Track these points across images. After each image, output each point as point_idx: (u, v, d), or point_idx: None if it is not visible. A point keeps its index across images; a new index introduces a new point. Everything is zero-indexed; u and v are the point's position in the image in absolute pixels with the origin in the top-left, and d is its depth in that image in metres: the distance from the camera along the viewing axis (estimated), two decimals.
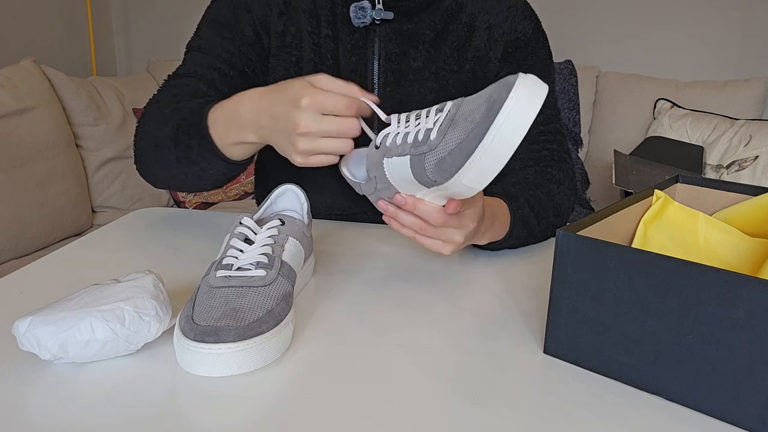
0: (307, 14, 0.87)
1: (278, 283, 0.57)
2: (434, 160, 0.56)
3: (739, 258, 0.66)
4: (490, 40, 0.89)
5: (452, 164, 0.55)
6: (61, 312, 0.50)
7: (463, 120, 0.55)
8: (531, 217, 0.79)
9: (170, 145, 0.77)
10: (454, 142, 0.54)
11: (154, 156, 0.81)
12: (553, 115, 0.92)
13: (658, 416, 0.47)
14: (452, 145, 0.54)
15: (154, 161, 0.81)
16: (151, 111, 0.84)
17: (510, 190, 0.79)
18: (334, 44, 0.87)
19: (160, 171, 0.82)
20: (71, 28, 2.47)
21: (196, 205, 2.22)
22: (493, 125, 0.52)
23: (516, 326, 0.61)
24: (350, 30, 0.87)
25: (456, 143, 0.54)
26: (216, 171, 0.77)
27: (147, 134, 0.82)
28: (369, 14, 0.85)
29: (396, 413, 0.47)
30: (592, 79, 2.33)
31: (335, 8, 0.87)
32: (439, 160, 0.56)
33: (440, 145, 0.55)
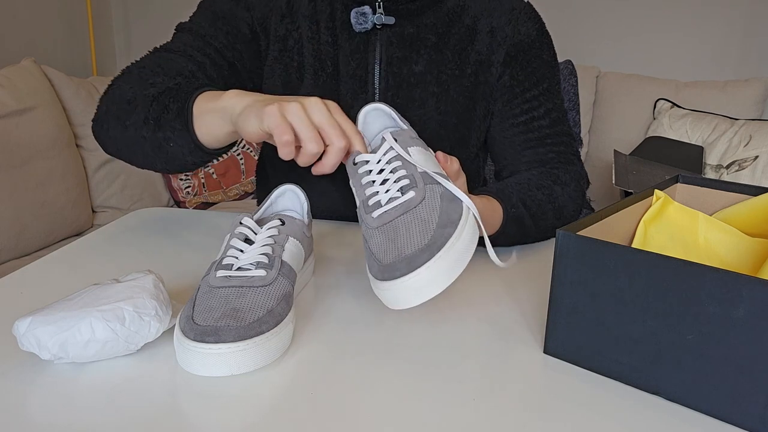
0: (307, 20, 0.87)
1: (278, 283, 0.57)
2: (364, 232, 0.58)
3: (739, 258, 0.67)
4: (492, 44, 0.89)
5: (367, 256, 0.57)
6: (61, 312, 0.50)
7: (391, 238, 0.54)
8: (526, 218, 0.78)
9: (146, 104, 0.73)
10: (374, 246, 0.56)
11: (119, 112, 0.76)
12: (560, 117, 0.92)
13: (658, 416, 0.47)
14: (372, 247, 0.56)
15: (116, 119, 0.76)
16: (132, 72, 0.81)
17: (505, 190, 0.78)
18: (334, 50, 0.87)
19: (118, 131, 0.76)
20: (71, 28, 2.47)
21: (196, 205, 2.22)
22: (388, 283, 0.52)
23: (516, 326, 0.61)
24: (350, 35, 0.86)
25: (374, 250, 0.55)
26: (175, 145, 0.71)
27: (122, 90, 0.78)
28: (370, 19, 0.84)
29: (396, 413, 0.47)
30: (592, 79, 2.33)
31: (334, 14, 0.87)
32: (365, 238, 0.58)
33: (370, 230, 0.57)
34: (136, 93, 0.76)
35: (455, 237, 0.52)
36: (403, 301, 0.52)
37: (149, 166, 0.78)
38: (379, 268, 0.53)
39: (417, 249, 0.52)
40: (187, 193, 2.21)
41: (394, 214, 0.56)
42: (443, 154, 0.63)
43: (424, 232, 0.53)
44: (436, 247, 0.51)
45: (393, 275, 0.51)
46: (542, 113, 0.90)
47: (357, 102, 0.88)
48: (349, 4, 0.86)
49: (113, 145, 0.80)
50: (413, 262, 0.51)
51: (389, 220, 0.56)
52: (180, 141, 0.71)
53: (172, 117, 0.70)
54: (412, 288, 0.51)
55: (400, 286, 0.51)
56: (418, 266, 0.51)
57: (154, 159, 0.76)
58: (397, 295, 0.52)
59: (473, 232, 0.55)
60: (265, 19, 0.87)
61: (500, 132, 0.91)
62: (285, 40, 0.87)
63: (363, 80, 0.87)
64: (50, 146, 1.83)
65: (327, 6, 0.87)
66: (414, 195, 0.56)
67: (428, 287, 0.51)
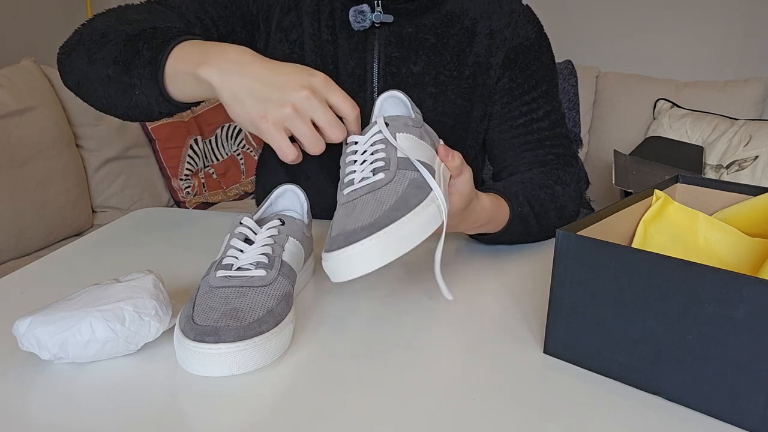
0: (310, 17, 0.87)
1: (278, 283, 0.57)
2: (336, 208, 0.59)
3: (739, 258, 0.66)
4: (491, 46, 0.89)
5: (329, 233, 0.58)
6: (61, 312, 0.50)
7: (351, 214, 0.56)
8: (530, 216, 0.78)
9: (119, 42, 0.69)
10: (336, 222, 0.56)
11: (90, 44, 0.72)
12: (559, 120, 0.92)
13: (658, 416, 0.47)
14: (335, 222, 0.57)
15: (86, 50, 0.72)
16: (115, 9, 0.79)
17: (511, 188, 0.79)
18: (334, 48, 0.87)
19: (83, 62, 0.72)
20: (71, 28, 2.47)
21: (196, 205, 2.22)
22: (333, 253, 0.53)
23: (516, 326, 0.61)
24: (349, 34, 0.86)
25: (335, 225, 0.56)
26: (141, 93, 0.67)
27: (99, 23, 0.75)
28: (368, 18, 0.84)
29: (396, 413, 0.47)
30: (592, 79, 2.33)
31: (334, 12, 0.87)
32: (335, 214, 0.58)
33: (339, 207, 0.58)
34: (111, 28, 0.73)
35: (402, 221, 0.53)
36: (337, 274, 0.53)
37: (108, 109, 0.73)
38: (326, 242, 0.55)
39: (359, 226, 0.53)
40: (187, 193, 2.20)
41: (359, 193, 0.57)
42: (445, 147, 0.63)
43: (374, 212, 0.54)
44: (377, 227, 0.52)
45: (331, 247, 0.53)
46: (541, 115, 0.90)
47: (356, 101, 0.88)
48: (349, 2, 0.86)
49: (74, 77, 0.74)
50: (350, 237, 0.52)
51: (353, 198, 0.57)
52: (147, 91, 0.67)
53: (142, 63, 0.66)
54: (344, 261, 0.52)
55: (335, 257, 0.52)
56: (353, 242, 0.52)
57: (115, 101, 0.71)
58: (332, 267, 0.53)
59: (431, 218, 0.56)
60: (269, 9, 0.87)
61: (499, 134, 0.92)
62: (288, 32, 0.87)
63: (362, 79, 0.87)
64: (50, 146, 1.83)
65: (328, 4, 0.87)
66: (382, 177, 0.57)
67: (360, 264, 0.52)
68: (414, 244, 0.54)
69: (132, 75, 0.67)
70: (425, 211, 0.55)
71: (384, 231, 0.52)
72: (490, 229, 0.75)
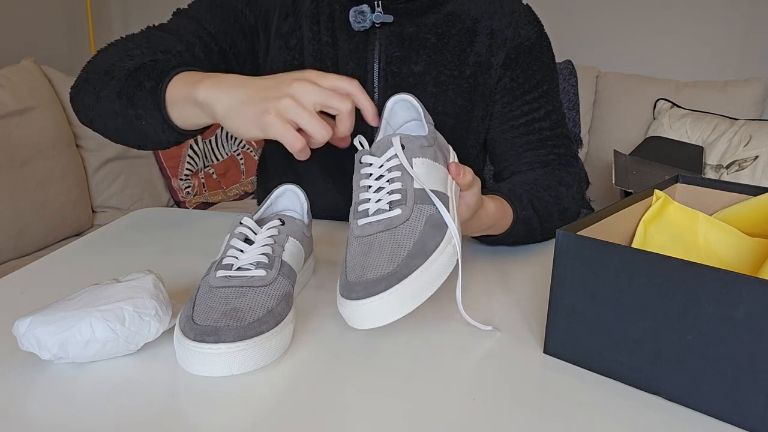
0: (309, 20, 0.87)
1: (278, 283, 0.57)
2: (348, 236, 0.58)
3: (739, 258, 0.66)
4: (492, 46, 0.89)
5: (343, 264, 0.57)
6: (61, 312, 0.50)
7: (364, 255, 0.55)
8: (534, 220, 0.78)
9: (122, 77, 0.71)
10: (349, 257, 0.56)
11: (95, 82, 0.75)
12: (559, 120, 0.92)
13: (658, 416, 0.47)
14: (348, 257, 0.56)
15: (92, 88, 0.75)
16: (118, 44, 0.80)
17: (515, 191, 0.78)
18: (334, 50, 0.87)
19: (92, 100, 0.75)
20: (71, 28, 2.47)
21: (196, 205, 2.22)
22: (345, 303, 0.52)
23: (516, 326, 0.61)
24: (349, 35, 0.86)
25: (348, 260, 0.55)
26: (147, 123, 0.70)
27: (102, 60, 0.77)
28: (369, 18, 0.84)
29: (396, 413, 0.47)
30: (592, 79, 2.33)
31: (333, 14, 0.87)
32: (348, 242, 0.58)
33: (351, 239, 0.57)
34: (113, 63, 0.75)
35: (421, 270, 0.52)
36: (357, 322, 0.52)
37: (122, 142, 0.77)
38: (343, 282, 0.54)
39: (379, 276, 0.52)
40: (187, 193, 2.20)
41: (375, 228, 0.56)
42: (457, 165, 0.62)
43: (392, 258, 0.53)
44: (396, 278, 0.51)
45: (350, 295, 0.52)
46: (542, 115, 0.90)
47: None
48: (348, 3, 0.86)
49: (86, 115, 0.78)
50: (370, 289, 0.51)
51: (369, 233, 0.56)
52: (152, 121, 0.69)
53: (145, 95, 0.68)
54: (364, 313, 0.51)
55: (353, 307, 0.52)
56: (373, 294, 0.51)
57: (126, 134, 0.74)
58: (351, 315, 0.52)
59: (447, 262, 0.55)
60: (267, 16, 0.87)
61: (500, 134, 0.92)
62: (287, 38, 0.87)
63: (362, 80, 0.87)
64: (50, 146, 1.83)
65: (327, 6, 0.87)
66: (399, 213, 0.56)
67: (381, 315, 0.51)
68: (434, 290, 0.54)
69: (136, 107, 0.69)
70: (442, 255, 0.54)
71: (403, 284, 0.51)
72: (493, 232, 0.75)
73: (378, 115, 0.65)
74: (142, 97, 0.69)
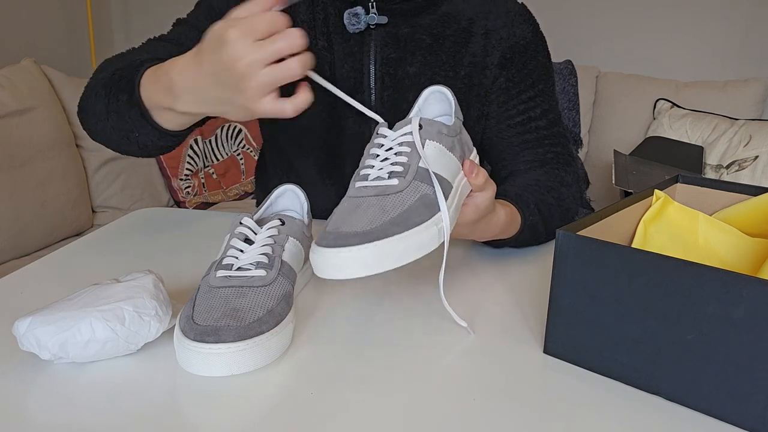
0: (305, 25, 0.87)
1: (278, 283, 0.57)
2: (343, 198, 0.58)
3: (739, 258, 0.66)
4: (487, 46, 0.89)
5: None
6: (61, 312, 0.50)
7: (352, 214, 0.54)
8: (539, 224, 0.79)
9: (102, 94, 0.72)
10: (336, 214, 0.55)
11: (91, 102, 0.75)
12: (556, 119, 0.92)
13: (658, 416, 0.47)
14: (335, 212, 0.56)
15: (89, 110, 0.76)
16: (114, 57, 0.80)
17: (523, 195, 0.78)
18: (330, 54, 0.87)
19: (92, 122, 0.76)
20: (71, 28, 2.47)
21: (196, 205, 2.22)
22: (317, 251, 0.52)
23: (516, 326, 0.61)
24: (344, 38, 0.86)
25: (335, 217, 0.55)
26: (143, 135, 0.71)
27: (95, 80, 0.78)
28: (363, 20, 0.84)
29: (396, 413, 0.47)
30: (592, 79, 2.33)
31: (328, 18, 0.87)
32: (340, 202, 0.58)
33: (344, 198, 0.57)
34: (99, 81, 0.75)
35: (396, 238, 0.52)
36: (319, 270, 0.52)
37: (129, 154, 0.78)
38: (320, 232, 0.54)
39: (353, 231, 0.52)
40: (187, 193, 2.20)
41: (368, 192, 0.56)
42: (471, 163, 0.61)
43: (373, 220, 0.53)
44: (369, 237, 0.51)
45: (320, 242, 0.52)
46: (539, 114, 0.90)
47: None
48: (343, 6, 0.86)
49: (93, 134, 0.79)
50: (340, 240, 0.51)
51: (359, 195, 0.56)
52: (143, 130, 0.70)
53: (126, 108, 0.69)
54: (328, 261, 0.51)
55: (321, 253, 0.51)
56: (342, 245, 0.51)
57: (127, 147, 0.75)
58: (316, 261, 0.52)
59: (428, 241, 0.54)
60: None
61: (497, 133, 0.91)
62: None
63: (359, 81, 0.87)
64: (50, 146, 1.83)
65: (321, 11, 0.87)
66: (396, 183, 0.56)
67: (343, 268, 0.51)
68: (401, 263, 0.53)
69: (125, 120, 0.70)
70: (424, 233, 0.53)
71: (374, 243, 0.51)
72: (500, 236, 0.75)
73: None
74: (125, 110, 0.69)
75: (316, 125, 0.89)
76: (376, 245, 0.51)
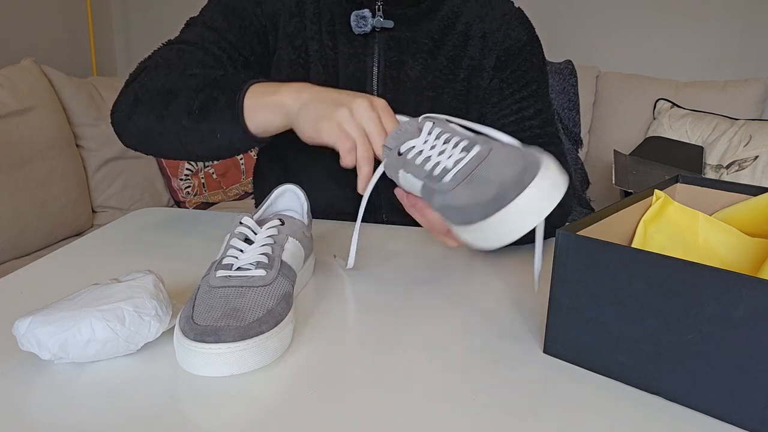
0: (312, 22, 0.88)
1: (278, 283, 0.57)
2: (441, 202, 0.56)
3: (739, 258, 0.66)
4: (484, 49, 0.90)
5: (454, 218, 0.55)
6: (61, 312, 0.50)
7: (479, 183, 0.53)
8: None
9: (190, 95, 0.73)
10: (461, 201, 0.54)
11: (153, 102, 0.76)
12: (549, 119, 0.93)
13: (658, 416, 0.47)
14: (459, 203, 0.54)
15: (149, 109, 0.76)
16: (158, 64, 0.81)
17: None
18: (334, 54, 0.88)
19: (150, 121, 0.76)
20: (71, 28, 2.47)
21: (196, 205, 2.22)
22: (499, 213, 0.51)
23: (516, 326, 0.61)
24: (349, 39, 0.87)
25: (463, 203, 0.54)
26: (223, 135, 0.73)
27: (155, 81, 0.78)
28: (370, 23, 0.85)
29: (396, 413, 0.47)
30: (592, 79, 2.33)
31: (334, 18, 0.88)
32: (444, 205, 0.56)
33: (450, 193, 0.55)
34: (174, 83, 0.76)
35: (545, 162, 0.50)
36: (519, 224, 0.50)
37: (183, 157, 0.79)
38: (482, 207, 0.51)
39: (517, 171, 0.50)
40: (187, 193, 2.21)
41: (471, 167, 0.54)
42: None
43: (512, 160, 0.51)
44: (533, 166, 0.50)
45: (502, 203, 0.50)
46: (532, 113, 0.91)
47: None
48: (349, 7, 0.87)
49: (139, 136, 0.79)
50: (521, 182, 0.49)
51: (468, 173, 0.54)
52: (228, 131, 0.72)
53: (220, 108, 0.71)
54: (525, 208, 0.49)
55: (513, 209, 0.49)
56: (527, 184, 0.49)
57: (193, 149, 0.76)
58: (510, 220, 0.50)
59: (558, 175, 0.52)
60: (276, 16, 0.88)
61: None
62: (293, 38, 0.88)
63: (361, 83, 0.88)
64: (50, 146, 1.83)
65: (328, 11, 0.88)
66: (480, 149, 0.55)
67: (540, 204, 0.50)
68: (564, 186, 0.50)
69: (211, 120, 0.72)
70: (551, 166, 0.51)
71: (543, 167, 0.49)
72: None
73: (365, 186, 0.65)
74: (217, 110, 0.71)
75: None
76: (545, 168, 0.50)
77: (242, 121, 0.70)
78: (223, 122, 0.71)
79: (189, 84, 0.75)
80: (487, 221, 0.52)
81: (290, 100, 0.68)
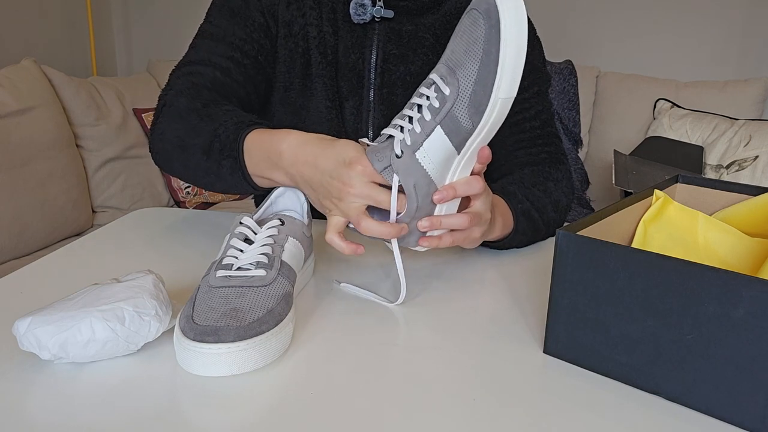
0: (311, 8, 0.87)
1: (278, 283, 0.57)
2: (465, 103, 0.58)
3: (739, 258, 0.66)
4: None
5: (485, 87, 0.56)
6: (61, 312, 0.50)
7: (463, 54, 0.55)
8: (533, 211, 0.79)
9: (201, 157, 0.76)
10: (473, 72, 0.56)
11: (178, 156, 0.79)
12: (549, 119, 0.93)
13: (658, 416, 0.47)
14: (474, 74, 0.56)
15: (177, 161, 0.79)
16: (173, 105, 0.81)
17: (507, 188, 0.79)
18: (334, 40, 0.87)
19: (182, 170, 0.80)
20: (71, 28, 2.47)
21: (196, 205, 2.22)
22: (502, 24, 0.54)
23: (516, 326, 0.61)
24: (350, 27, 0.87)
25: (476, 69, 0.56)
26: (239, 190, 0.77)
27: (171, 133, 0.79)
28: (369, 11, 0.85)
29: (396, 413, 0.47)
30: (592, 79, 2.33)
31: (335, 5, 0.87)
32: (469, 99, 0.57)
33: (461, 87, 0.57)
34: (186, 141, 0.77)
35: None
36: (521, 45, 0.55)
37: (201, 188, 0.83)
38: (482, 81, 0.56)
39: (485, 42, 0.54)
40: (187, 193, 2.21)
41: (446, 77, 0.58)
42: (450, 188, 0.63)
43: (475, 47, 0.56)
44: (490, 17, 0.55)
45: (496, 57, 0.55)
46: (533, 114, 0.91)
47: (353, 96, 0.88)
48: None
49: (179, 176, 0.83)
50: (492, 37, 0.54)
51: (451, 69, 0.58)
52: (241, 188, 0.75)
53: (228, 172, 0.73)
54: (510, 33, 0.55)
55: (503, 45, 0.55)
56: (500, 30, 0.53)
57: (209, 188, 0.80)
58: (509, 54, 0.55)
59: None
60: (274, 8, 0.88)
61: None
62: (290, 25, 0.88)
63: (360, 75, 0.88)
64: (50, 146, 1.83)
65: (329, 0, 0.87)
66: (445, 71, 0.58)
67: (516, 13, 0.55)
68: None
69: (225, 180, 0.75)
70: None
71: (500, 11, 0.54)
72: (500, 226, 0.74)
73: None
74: (227, 174, 0.74)
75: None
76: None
77: (251, 182, 0.73)
78: (234, 182, 0.74)
79: (197, 144, 0.76)
80: (503, 32, 0.54)
81: (284, 180, 0.69)
